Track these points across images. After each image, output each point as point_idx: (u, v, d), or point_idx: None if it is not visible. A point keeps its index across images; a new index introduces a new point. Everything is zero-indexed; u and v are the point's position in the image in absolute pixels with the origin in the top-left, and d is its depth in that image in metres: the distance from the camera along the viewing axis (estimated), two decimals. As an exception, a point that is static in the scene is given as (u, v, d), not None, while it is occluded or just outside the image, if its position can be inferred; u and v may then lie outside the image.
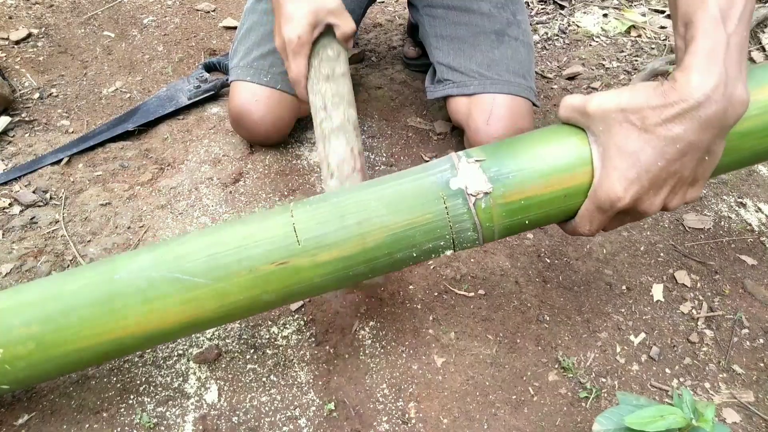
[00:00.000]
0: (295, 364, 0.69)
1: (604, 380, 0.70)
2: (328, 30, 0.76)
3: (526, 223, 0.55)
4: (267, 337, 0.72)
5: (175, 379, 0.67)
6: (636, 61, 1.30)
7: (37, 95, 1.05)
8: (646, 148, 0.48)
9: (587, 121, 0.52)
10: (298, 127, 1.03)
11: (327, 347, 0.71)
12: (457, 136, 1.04)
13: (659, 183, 0.50)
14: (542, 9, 1.48)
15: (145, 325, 0.54)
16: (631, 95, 0.49)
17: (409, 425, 0.64)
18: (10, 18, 1.20)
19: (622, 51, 1.33)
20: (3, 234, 0.81)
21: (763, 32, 1.38)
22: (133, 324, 0.54)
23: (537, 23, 1.42)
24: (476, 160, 0.54)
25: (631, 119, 0.48)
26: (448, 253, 0.56)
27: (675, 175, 0.49)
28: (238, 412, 0.64)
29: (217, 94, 1.09)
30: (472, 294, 0.78)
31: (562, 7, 1.48)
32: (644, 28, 1.41)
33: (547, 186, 0.53)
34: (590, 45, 1.35)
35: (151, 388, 0.66)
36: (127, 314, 0.53)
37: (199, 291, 0.54)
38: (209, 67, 1.12)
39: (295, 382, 0.68)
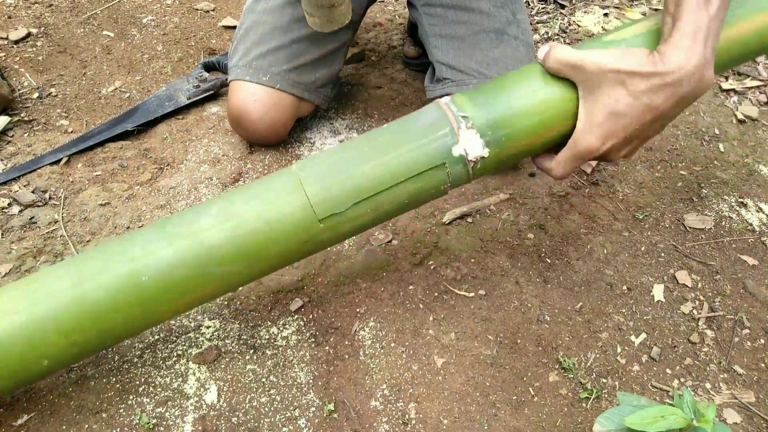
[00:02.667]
0: (295, 365, 0.69)
1: (604, 381, 0.70)
2: None
3: (509, 161, 0.63)
4: (267, 337, 0.72)
5: (174, 380, 0.67)
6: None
7: (36, 95, 1.05)
8: (629, 111, 0.53)
9: (580, 77, 0.55)
10: (298, 127, 1.03)
11: (327, 348, 0.71)
12: (457, 136, 1.03)
13: (629, 140, 0.56)
14: (543, 8, 1.48)
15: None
16: (625, 58, 0.52)
17: (409, 426, 0.64)
18: (9, 17, 1.20)
19: (623, 50, 1.33)
20: (2, 234, 0.80)
21: (764, 31, 1.37)
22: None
23: (537, 22, 1.42)
24: (473, 126, 0.59)
25: (624, 81, 0.52)
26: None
27: (642, 134, 0.56)
28: (237, 413, 0.64)
29: (217, 93, 1.09)
30: (472, 294, 0.78)
31: (563, 6, 1.48)
32: (645, 28, 1.40)
33: (535, 140, 0.60)
34: (590, 44, 1.35)
35: (151, 388, 0.66)
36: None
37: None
38: (208, 67, 1.12)
39: (295, 383, 0.67)
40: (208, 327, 0.72)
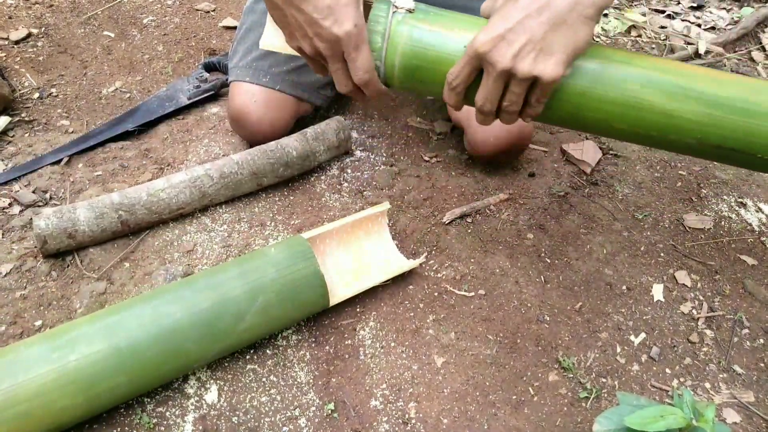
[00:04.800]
0: (295, 364, 0.69)
1: (604, 380, 0.70)
2: None
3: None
4: (267, 337, 0.72)
5: (174, 380, 0.67)
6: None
7: (36, 95, 1.05)
8: (514, 9, 0.54)
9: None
10: (298, 127, 1.03)
11: (327, 347, 0.71)
12: (458, 136, 1.03)
13: (513, 36, 0.54)
14: (542, 9, 1.48)
15: None
16: None
17: (409, 425, 0.64)
18: (10, 18, 1.20)
19: (623, 51, 1.33)
20: (3, 234, 0.81)
21: (763, 32, 1.38)
22: None
23: (537, 23, 1.42)
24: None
25: None
26: None
27: (527, 32, 0.54)
28: (237, 412, 0.64)
29: (217, 94, 1.09)
30: (472, 294, 0.78)
31: (562, 7, 1.48)
32: (644, 28, 1.41)
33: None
34: (590, 45, 1.35)
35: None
36: None
37: None
38: (209, 67, 1.12)
39: (295, 383, 0.68)
40: (208, 327, 0.72)
